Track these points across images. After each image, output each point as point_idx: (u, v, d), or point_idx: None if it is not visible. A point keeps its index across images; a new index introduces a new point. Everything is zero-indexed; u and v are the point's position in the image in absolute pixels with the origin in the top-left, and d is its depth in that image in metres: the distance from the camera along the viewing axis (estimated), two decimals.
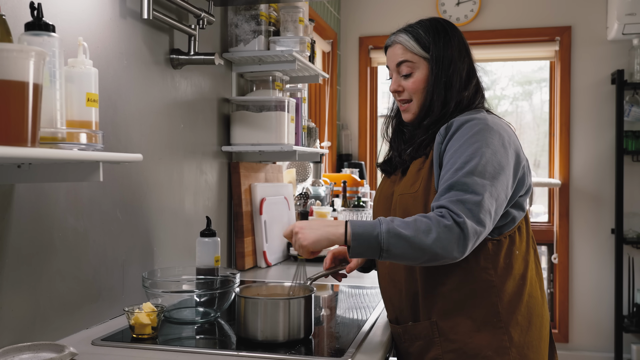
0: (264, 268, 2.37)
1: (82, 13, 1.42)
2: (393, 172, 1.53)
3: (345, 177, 3.47)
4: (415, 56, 1.44)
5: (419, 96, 1.45)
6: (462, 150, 1.30)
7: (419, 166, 1.42)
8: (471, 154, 1.29)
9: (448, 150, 1.33)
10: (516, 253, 1.38)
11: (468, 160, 1.28)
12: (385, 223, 1.24)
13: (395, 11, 4.26)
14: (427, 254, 1.22)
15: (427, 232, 1.22)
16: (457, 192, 1.26)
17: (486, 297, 1.35)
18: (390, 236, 1.22)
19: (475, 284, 1.35)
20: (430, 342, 1.38)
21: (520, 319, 1.36)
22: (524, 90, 4.52)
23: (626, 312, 3.94)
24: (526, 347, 1.36)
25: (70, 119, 1.12)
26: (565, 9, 4.04)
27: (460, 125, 1.34)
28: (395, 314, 1.48)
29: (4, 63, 0.88)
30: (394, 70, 1.48)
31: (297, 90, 2.56)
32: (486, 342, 1.34)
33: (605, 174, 4.01)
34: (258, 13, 2.26)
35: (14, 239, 1.24)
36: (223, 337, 1.49)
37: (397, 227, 1.23)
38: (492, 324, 1.34)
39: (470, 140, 1.31)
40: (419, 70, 1.45)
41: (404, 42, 1.45)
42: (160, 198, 1.79)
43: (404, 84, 1.46)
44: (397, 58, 1.46)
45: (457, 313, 1.36)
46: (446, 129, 1.37)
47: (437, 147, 1.37)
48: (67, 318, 1.40)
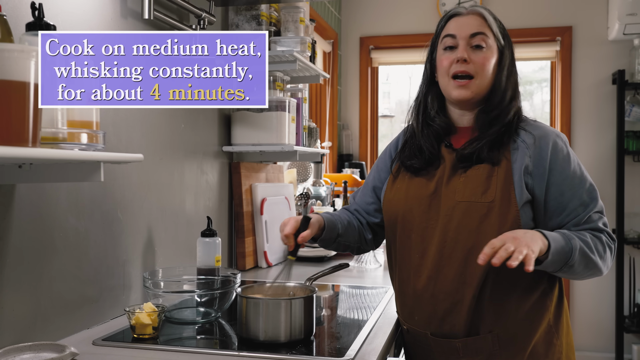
0: (265, 268, 2.37)
1: (83, 13, 1.42)
2: (425, 168, 1.41)
3: (346, 177, 3.47)
4: (491, 35, 1.36)
5: (486, 74, 1.36)
6: (575, 173, 1.35)
7: (488, 172, 1.33)
8: (584, 177, 1.37)
9: (552, 169, 1.33)
10: None
11: (586, 183, 1.37)
12: (576, 240, 1.27)
13: (396, 11, 4.26)
14: (594, 274, 1.32)
15: (602, 255, 1.30)
16: (599, 214, 1.34)
17: (541, 305, 1.35)
18: (580, 255, 1.26)
19: (534, 292, 1.34)
20: (491, 355, 1.34)
21: (564, 322, 1.39)
22: (525, 91, 4.52)
23: (627, 313, 3.94)
24: (569, 349, 1.39)
25: (71, 119, 1.12)
26: (566, 9, 4.04)
27: (553, 140, 1.35)
28: (441, 327, 1.37)
29: (5, 63, 0.88)
30: (464, 39, 1.35)
31: (298, 90, 2.56)
32: (544, 350, 1.34)
33: (606, 174, 4.01)
34: (259, 13, 2.26)
35: (15, 239, 1.24)
36: (224, 337, 1.49)
37: (583, 246, 1.27)
38: (546, 330, 1.35)
39: (574, 161, 1.37)
40: (490, 50, 1.36)
41: (486, 16, 1.37)
42: (161, 198, 1.79)
43: (472, 56, 1.35)
44: (474, 27, 1.36)
45: (517, 324, 1.34)
46: (536, 141, 1.34)
47: (522, 158, 1.32)
48: (68, 318, 1.40)
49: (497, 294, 1.32)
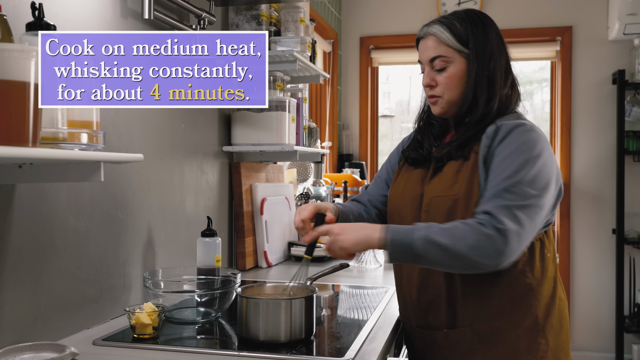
0: (265, 268, 2.37)
1: (83, 13, 1.42)
2: (423, 161, 1.46)
3: (346, 177, 3.47)
4: (450, 49, 1.37)
5: (451, 92, 1.38)
6: (514, 158, 1.27)
7: (458, 167, 1.36)
8: (523, 162, 1.26)
9: (497, 154, 1.30)
10: (548, 255, 1.38)
11: (519, 169, 1.26)
12: (422, 230, 1.24)
13: (396, 11, 4.26)
14: (464, 261, 1.22)
15: (465, 240, 1.21)
16: (504, 199, 1.24)
17: (525, 302, 1.34)
18: (427, 243, 1.22)
19: (516, 288, 1.34)
20: (470, 349, 1.36)
21: (554, 322, 1.36)
22: (525, 90, 4.52)
23: (627, 313, 3.94)
24: (559, 349, 1.36)
25: (72, 119, 1.12)
26: (566, 9, 4.04)
27: (510, 129, 1.31)
28: (426, 319, 1.43)
29: (5, 63, 0.88)
30: (427, 64, 1.41)
31: (298, 90, 2.56)
32: (525, 347, 1.33)
33: (606, 174, 4.01)
34: (259, 13, 2.26)
35: (15, 239, 1.24)
36: (224, 337, 1.49)
37: (434, 234, 1.22)
38: (530, 328, 1.33)
39: (522, 147, 1.28)
40: (453, 65, 1.37)
41: (439, 34, 1.38)
42: (161, 198, 1.79)
43: (437, 78, 1.39)
44: (431, 52, 1.39)
45: (497, 318, 1.34)
46: (495, 131, 1.32)
47: (483, 149, 1.33)
48: (68, 318, 1.40)
49: (475, 289, 1.35)
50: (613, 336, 3.94)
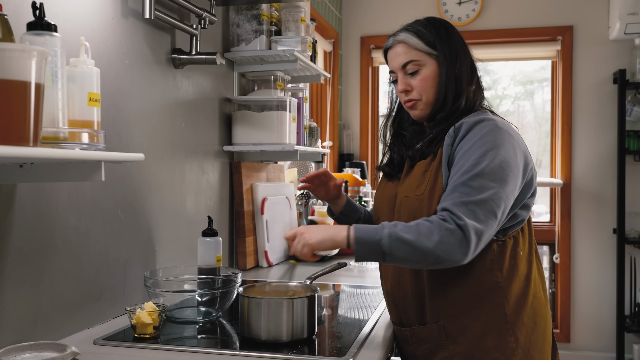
0: (266, 268, 2.37)
1: (84, 13, 1.42)
2: (396, 174, 1.51)
3: (347, 177, 3.47)
4: (420, 53, 1.42)
5: (428, 93, 1.42)
6: (472, 152, 1.29)
7: (425, 168, 1.40)
8: (480, 155, 1.27)
9: (458, 151, 1.32)
10: (520, 254, 1.38)
11: (477, 162, 1.27)
12: (387, 227, 1.25)
13: (397, 11, 4.26)
14: (429, 257, 1.22)
15: (429, 236, 1.22)
16: (462, 194, 1.25)
17: (493, 299, 1.35)
18: (392, 240, 1.23)
19: (482, 285, 1.35)
20: (437, 345, 1.38)
21: (526, 320, 1.36)
22: (526, 90, 4.51)
23: (628, 312, 3.94)
24: (532, 347, 1.36)
25: (72, 118, 1.12)
26: (567, 8, 4.03)
27: (470, 126, 1.33)
28: (399, 316, 1.47)
29: (6, 63, 0.88)
30: (399, 71, 1.45)
31: (299, 89, 2.56)
32: (493, 344, 1.34)
33: (607, 174, 4.01)
34: (260, 13, 2.26)
35: (16, 239, 1.24)
36: (225, 337, 1.49)
37: (400, 231, 1.23)
38: (498, 325, 1.34)
39: (480, 141, 1.29)
40: (425, 68, 1.42)
41: (408, 41, 1.43)
42: (161, 198, 1.79)
43: (411, 82, 1.44)
44: (402, 58, 1.44)
45: (464, 315, 1.35)
46: (455, 130, 1.35)
47: (446, 148, 1.35)
48: (68, 317, 1.40)
49: (442, 286, 1.37)
50: (614, 336, 3.94)
